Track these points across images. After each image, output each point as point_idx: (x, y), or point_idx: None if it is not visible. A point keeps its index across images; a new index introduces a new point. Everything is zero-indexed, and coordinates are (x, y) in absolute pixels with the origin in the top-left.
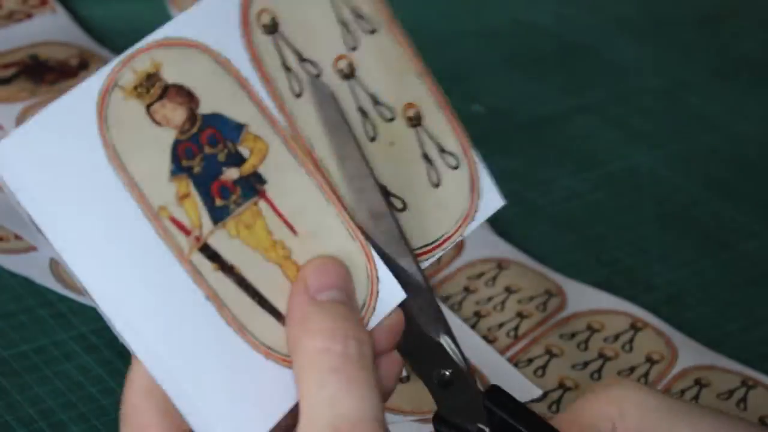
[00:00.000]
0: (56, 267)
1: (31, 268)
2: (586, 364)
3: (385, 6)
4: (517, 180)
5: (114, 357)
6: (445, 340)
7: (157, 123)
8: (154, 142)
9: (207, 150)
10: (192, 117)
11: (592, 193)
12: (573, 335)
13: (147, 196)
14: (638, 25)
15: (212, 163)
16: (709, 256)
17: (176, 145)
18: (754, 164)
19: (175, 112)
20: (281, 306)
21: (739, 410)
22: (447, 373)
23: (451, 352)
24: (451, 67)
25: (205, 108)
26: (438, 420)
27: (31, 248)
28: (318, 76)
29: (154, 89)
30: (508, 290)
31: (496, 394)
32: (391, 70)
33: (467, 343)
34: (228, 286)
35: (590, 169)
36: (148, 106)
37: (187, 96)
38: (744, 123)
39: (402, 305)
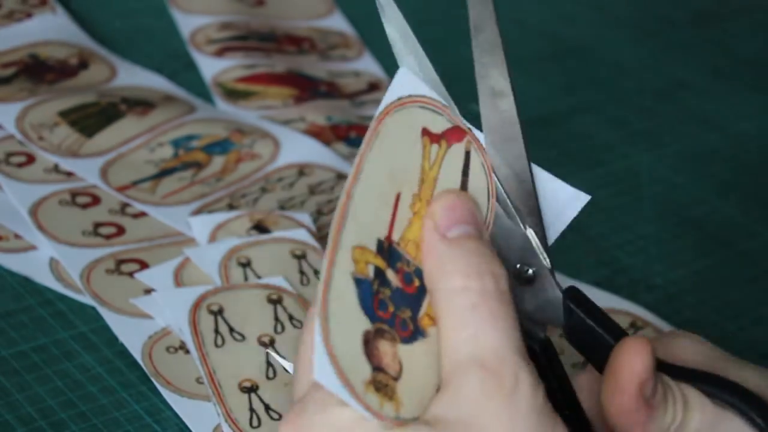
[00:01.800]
0: (56, 266)
1: (30, 267)
2: (585, 363)
3: None
4: None
5: (114, 356)
6: (531, 234)
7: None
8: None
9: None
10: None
11: (593, 193)
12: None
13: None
14: (638, 25)
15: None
16: (709, 256)
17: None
18: (754, 164)
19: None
20: None
21: None
22: (530, 270)
23: (536, 247)
24: (452, 67)
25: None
26: None
27: (31, 247)
28: None
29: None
30: None
31: (577, 295)
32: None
33: None
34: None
35: (591, 169)
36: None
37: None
38: (744, 123)
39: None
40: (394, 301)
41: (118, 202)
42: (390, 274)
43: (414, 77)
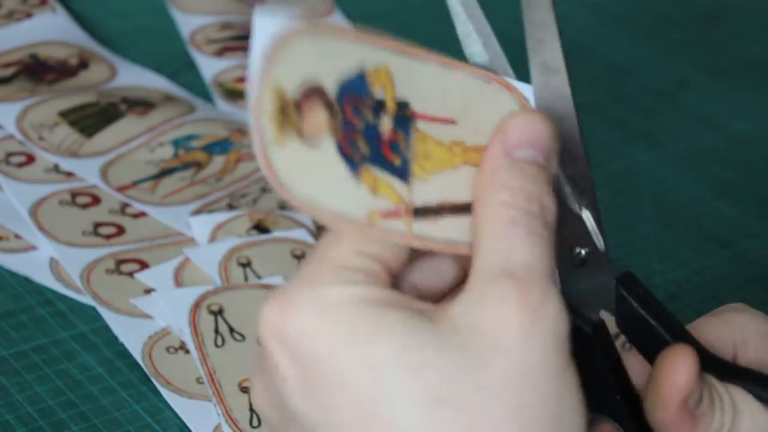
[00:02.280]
0: (56, 266)
1: (30, 267)
2: None
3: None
4: None
5: (114, 356)
6: (587, 216)
7: (315, 143)
8: (326, 164)
9: (359, 125)
10: (329, 105)
11: None
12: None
13: (355, 218)
14: (638, 25)
15: (370, 131)
16: (709, 255)
17: (340, 147)
18: (754, 164)
19: (318, 115)
20: None
21: None
22: (583, 251)
23: (591, 229)
24: None
25: (330, 87)
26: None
27: (31, 247)
28: None
29: (291, 115)
30: None
31: (631, 282)
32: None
33: None
34: (449, 223)
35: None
36: (300, 135)
37: (312, 91)
38: (744, 123)
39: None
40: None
41: (118, 202)
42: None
43: None
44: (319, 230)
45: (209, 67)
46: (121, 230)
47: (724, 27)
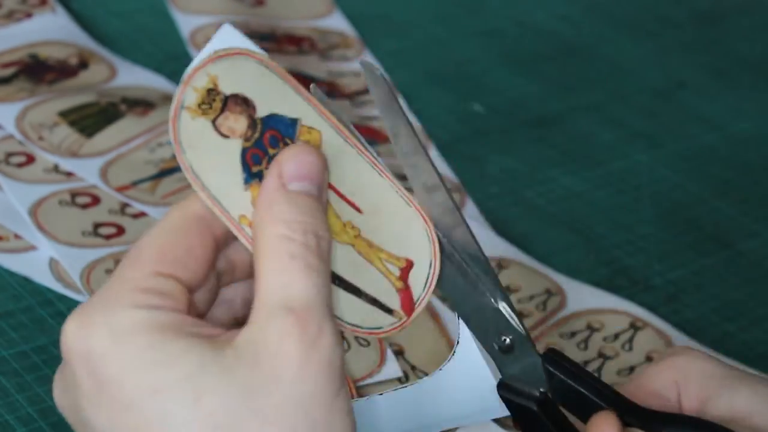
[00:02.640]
0: (56, 266)
1: (30, 267)
2: (585, 363)
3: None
4: (517, 179)
5: None
6: (503, 307)
7: (224, 136)
8: (225, 155)
9: (271, 152)
10: (252, 123)
11: (592, 193)
12: (573, 334)
13: (227, 208)
14: (638, 25)
15: None
16: (709, 255)
17: (244, 154)
18: (754, 164)
19: (237, 122)
20: (359, 282)
21: None
22: (508, 339)
23: (509, 318)
24: (452, 67)
25: (261, 111)
26: (502, 387)
27: (31, 248)
28: None
29: (215, 103)
30: (508, 289)
31: (555, 356)
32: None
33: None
34: None
35: (590, 169)
36: (214, 121)
37: (244, 103)
38: (744, 123)
39: (461, 272)
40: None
41: (117, 203)
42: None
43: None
44: None
45: None
46: (121, 230)
47: (724, 27)
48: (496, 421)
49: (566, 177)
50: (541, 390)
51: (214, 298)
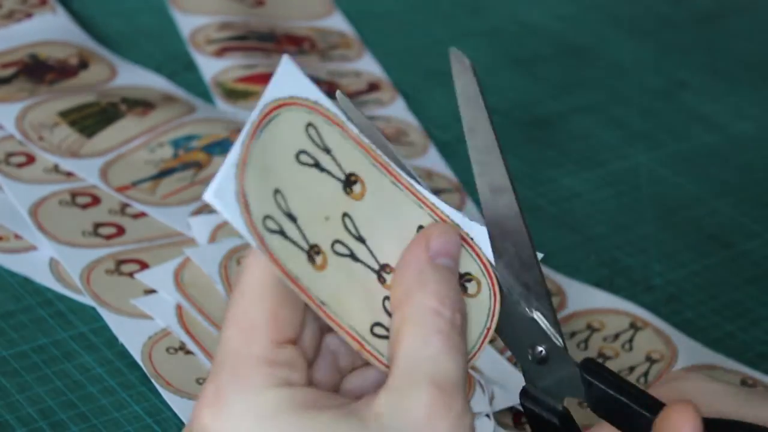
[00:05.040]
0: (56, 266)
1: (30, 267)
2: None
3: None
4: (517, 179)
5: (114, 356)
6: (538, 316)
7: None
8: None
9: None
10: None
11: (592, 193)
12: (573, 334)
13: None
14: (638, 25)
15: None
16: (709, 256)
17: None
18: (754, 164)
19: None
20: None
21: None
22: (542, 349)
23: (546, 329)
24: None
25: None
26: (525, 395)
27: (31, 248)
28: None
29: None
30: None
31: (593, 366)
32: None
33: None
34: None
35: (590, 169)
36: None
37: None
38: (744, 123)
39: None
40: None
41: (118, 203)
42: None
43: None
44: None
45: (209, 67)
46: (121, 230)
47: (724, 27)
48: (496, 420)
49: (566, 177)
50: (564, 405)
51: (318, 346)
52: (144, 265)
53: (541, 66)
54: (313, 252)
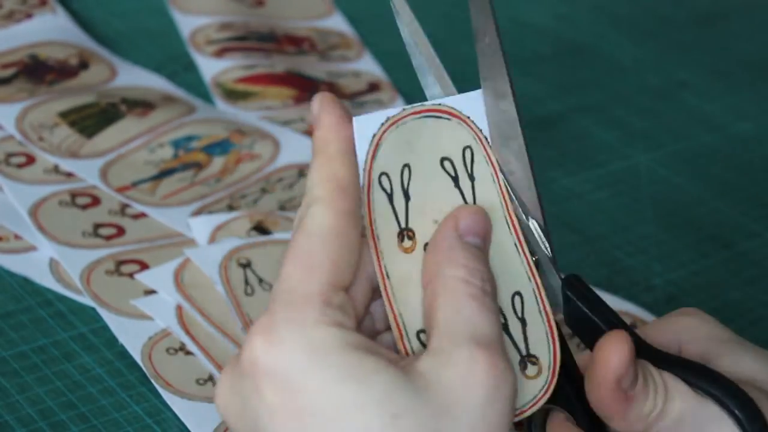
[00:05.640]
0: (56, 267)
1: (30, 267)
2: None
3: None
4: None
5: (114, 357)
6: (533, 225)
7: None
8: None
9: None
10: None
11: (592, 193)
12: (573, 335)
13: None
14: (638, 25)
15: None
16: (709, 256)
17: None
18: (754, 164)
19: None
20: None
21: None
22: (534, 258)
23: (538, 237)
24: (451, 67)
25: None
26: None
27: (31, 248)
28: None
29: None
30: None
31: (576, 282)
32: None
33: None
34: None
35: (590, 169)
36: None
37: None
38: (744, 123)
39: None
40: None
41: (117, 203)
42: None
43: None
44: None
45: (209, 67)
46: (121, 231)
47: (724, 27)
48: None
49: (566, 177)
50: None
51: (366, 305)
52: (144, 266)
53: (541, 66)
54: (406, 233)
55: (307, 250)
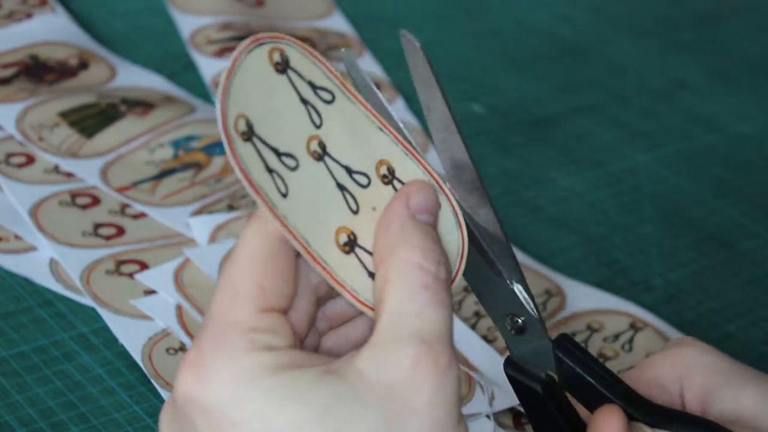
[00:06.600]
0: (56, 267)
1: (30, 268)
2: None
3: (335, 69)
4: (517, 180)
5: (114, 357)
6: (518, 289)
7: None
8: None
9: None
10: None
11: (592, 193)
12: (573, 335)
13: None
14: (638, 25)
15: None
16: (709, 256)
17: None
18: (754, 164)
19: None
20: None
21: None
22: (520, 320)
23: (524, 300)
24: (451, 67)
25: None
26: (509, 364)
27: (31, 248)
28: (296, 168)
29: None
30: None
31: (566, 343)
32: (356, 133)
33: (467, 343)
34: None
35: (590, 169)
36: None
37: None
38: (744, 123)
39: (479, 250)
40: None
41: (118, 203)
42: None
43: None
44: None
45: (209, 67)
46: (121, 231)
47: (723, 27)
48: (496, 421)
49: (566, 177)
50: (548, 372)
51: (312, 318)
52: (144, 266)
53: (541, 66)
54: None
55: (232, 278)
